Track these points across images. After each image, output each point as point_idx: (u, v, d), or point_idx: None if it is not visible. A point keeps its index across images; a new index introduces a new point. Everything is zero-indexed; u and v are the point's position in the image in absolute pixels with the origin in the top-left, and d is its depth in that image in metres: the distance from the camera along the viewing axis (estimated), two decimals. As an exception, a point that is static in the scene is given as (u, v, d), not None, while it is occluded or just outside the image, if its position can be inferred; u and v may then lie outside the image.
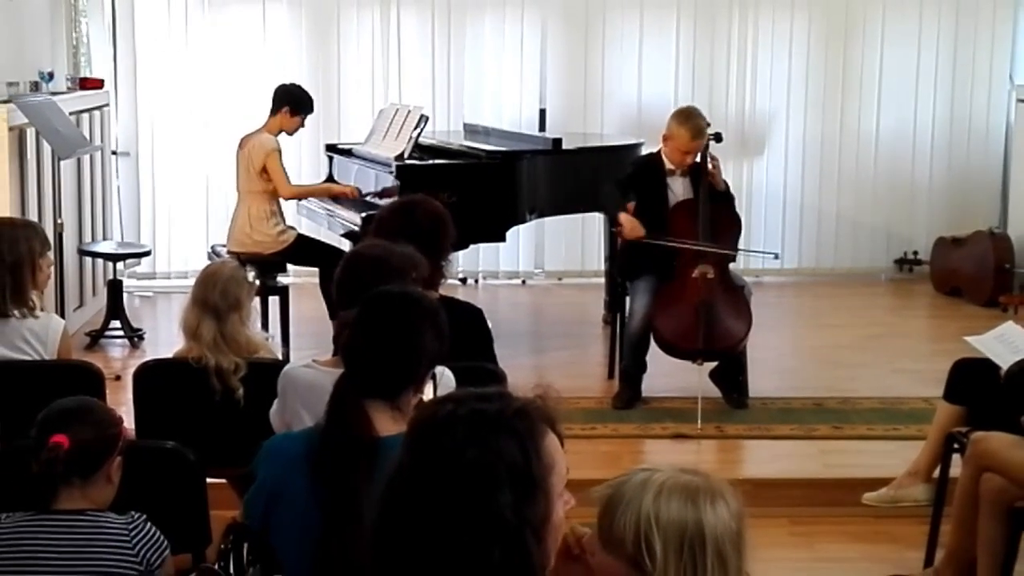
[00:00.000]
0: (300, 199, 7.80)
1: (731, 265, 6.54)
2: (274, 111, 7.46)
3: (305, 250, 7.45)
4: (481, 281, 9.71)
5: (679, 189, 6.48)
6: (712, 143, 6.50)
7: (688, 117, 6.46)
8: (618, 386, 6.58)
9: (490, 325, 4.52)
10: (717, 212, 6.42)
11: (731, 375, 6.47)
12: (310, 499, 2.83)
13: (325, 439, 2.87)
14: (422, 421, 2.06)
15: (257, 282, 6.36)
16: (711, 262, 6.31)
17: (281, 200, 7.49)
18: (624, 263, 6.77)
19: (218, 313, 4.39)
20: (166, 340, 7.36)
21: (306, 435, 2.97)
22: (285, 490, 2.90)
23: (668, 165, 6.49)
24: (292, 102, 7.46)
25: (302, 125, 7.59)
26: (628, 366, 6.52)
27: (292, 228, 7.57)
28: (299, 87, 7.65)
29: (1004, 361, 4.60)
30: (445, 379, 3.29)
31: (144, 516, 3.05)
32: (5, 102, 7.04)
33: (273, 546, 2.93)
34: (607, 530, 2.15)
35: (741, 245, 6.81)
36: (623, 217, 6.39)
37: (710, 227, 6.32)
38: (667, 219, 6.39)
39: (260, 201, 7.34)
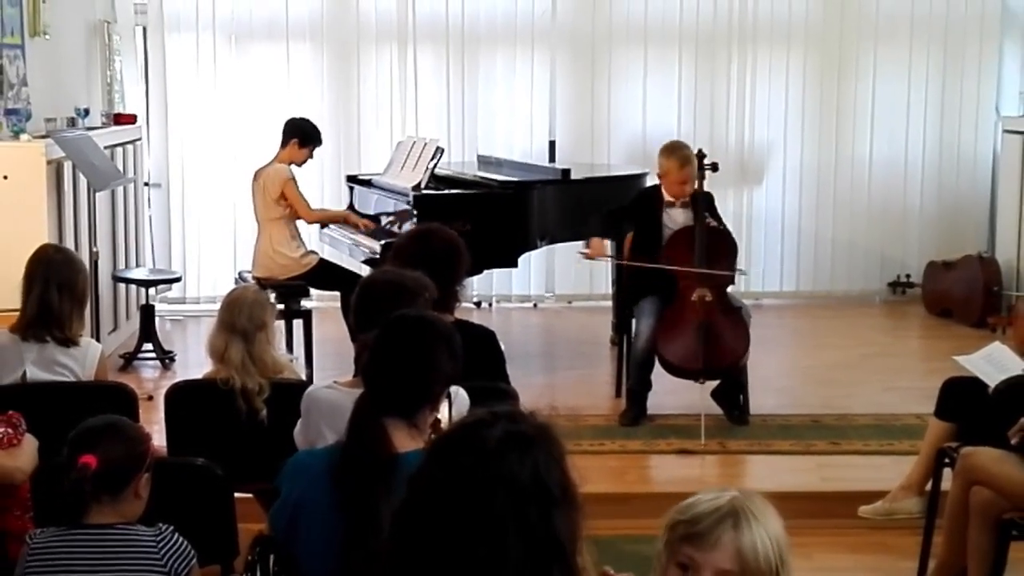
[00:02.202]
0: (322, 224, 7.82)
1: (730, 288, 6.55)
2: (284, 143, 7.50)
3: (327, 274, 7.46)
4: (494, 304, 9.72)
5: (679, 219, 6.50)
6: (709, 172, 6.54)
7: (673, 149, 6.56)
8: (625, 404, 6.58)
9: (503, 346, 4.52)
10: (714, 237, 6.44)
11: (731, 394, 6.47)
12: (332, 512, 2.84)
13: (346, 455, 2.89)
14: (463, 450, 1.96)
15: (280, 305, 6.39)
16: (709, 285, 6.31)
17: (300, 225, 7.52)
18: (628, 288, 6.78)
19: (246, 335, 4.40)
20: (196, 361, 7.38)
21: (328, 452, 2.98)
22: (309, 504, 2.91)
23: (667, 198, 6.52)
24: (301, 135, 7.49)
25: (310, 156, 7.62)
26: (634, 385, 6.52)
27: (314, 252, 7.59)
28: (307, 121, 7.66)
29: (992, 380, 4.60)
30: (459, 398, 3.30)
31: (171, 527, 3.05)
32: (43, 137, 7.07)
33: (297, 557, 2.94)
34: (744, 565, 2.11)
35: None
36: (593, 240, 6.55)
37: (706, 252, 6.32)
38: (664, 245, 6.41)
39: (279, 227, 7.37)
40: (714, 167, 6.61)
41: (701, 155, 6.57)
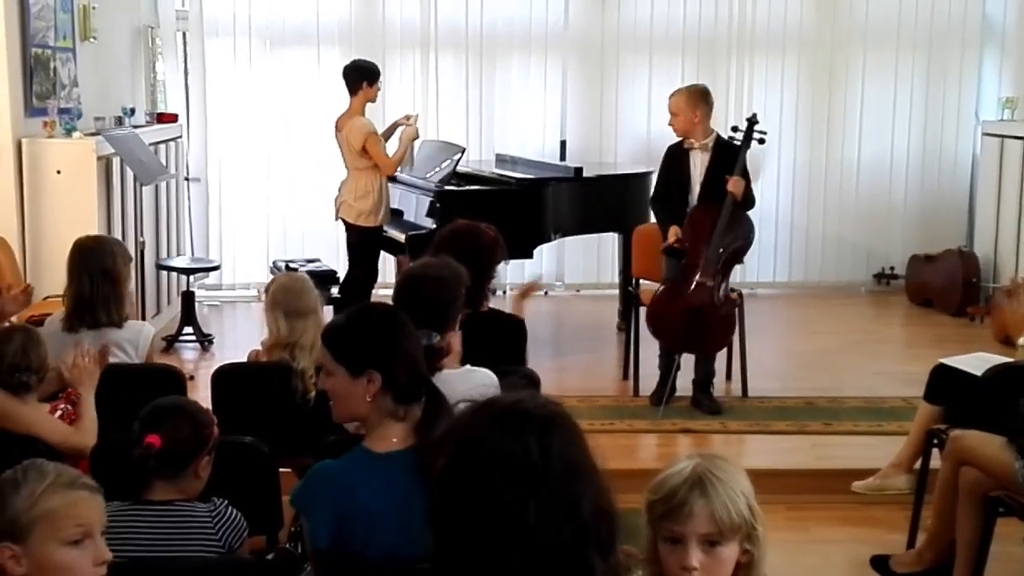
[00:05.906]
0: (398, 166, 7.39)
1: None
2: (354, 90, 7.26)
3: (369, 245, 7.29)
4: (508, 292, 9.67)
5: (698, 162, 6.31)
6: (756, 143, 6.33)
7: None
8: (656, 385, 6.45)
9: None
10: (734, 219, 6.18)
11: (704, 388, 6.38)
12: (393, 508, 2.63)
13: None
14: (488, 436, 1.87)
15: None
16: (712, 272, 6.13)
17: (383, 183, 7.29)
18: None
19: (312, 316, 4.33)
20: (232, 343, 7.40)
21: (351, 459, 2.78)
22: (357, 509, 2.66)
23: (686, 144, 6.34)
24: (368, 75, 7.26)
25: (379, 89, 7.41)
26: (660, 367, 6.43)
27: (387, 216, 7.33)
28: (362, 61, 7.46)
29: (979, 371, 4.57)
30: (479, 375, 3.21)
31: (225, 501, 3.03)
32: (94, 135, 7.07)
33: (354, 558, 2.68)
34: (721, 525, 2.12)
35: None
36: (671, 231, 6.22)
37: (724, 231, 6.12)
38: (687, 217, 6.19)
39: (366, 177, 7.18)
40: (761, 140, 6.35)
41: (753, 120, 6.32)
